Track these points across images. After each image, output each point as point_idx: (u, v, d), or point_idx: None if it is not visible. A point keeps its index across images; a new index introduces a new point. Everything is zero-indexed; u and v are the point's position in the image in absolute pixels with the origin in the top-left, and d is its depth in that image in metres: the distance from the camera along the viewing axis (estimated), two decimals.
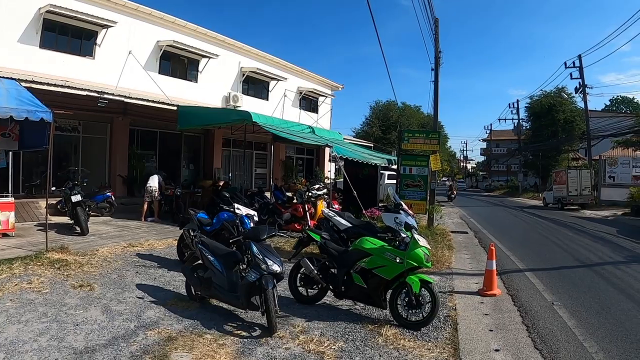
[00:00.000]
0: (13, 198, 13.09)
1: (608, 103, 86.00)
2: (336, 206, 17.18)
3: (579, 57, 43.20)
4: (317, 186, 17.71)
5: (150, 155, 22.73)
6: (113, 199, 17.24)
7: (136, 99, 17.82)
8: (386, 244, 7.38)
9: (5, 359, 5.27)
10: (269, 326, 6.49)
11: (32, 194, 17.25)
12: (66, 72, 17.83)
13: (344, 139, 26.26)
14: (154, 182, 17.19)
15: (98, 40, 19.70)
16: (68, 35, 18.86)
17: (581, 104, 48.95)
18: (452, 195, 41.89)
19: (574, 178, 35.40)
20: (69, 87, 15.46)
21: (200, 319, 7.00)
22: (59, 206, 15.82)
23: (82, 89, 15.81)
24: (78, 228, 13.78)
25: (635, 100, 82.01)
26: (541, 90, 63.42)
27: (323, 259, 8.03)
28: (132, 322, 6.69)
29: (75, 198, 13.88)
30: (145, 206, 17.28)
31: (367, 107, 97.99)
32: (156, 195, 17.21)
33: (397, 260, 7.03)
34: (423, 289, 6.96)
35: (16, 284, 8.09)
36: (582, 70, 43.12)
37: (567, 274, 11.80)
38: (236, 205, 9.71)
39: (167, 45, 22.57)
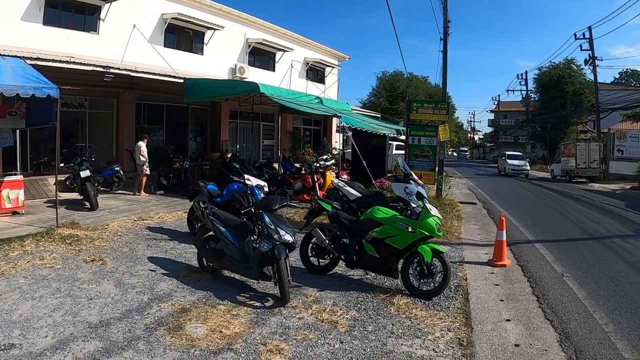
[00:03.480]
0: (22, 176, 13.07)
1: (617, 76, 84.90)
2: (345, 176, 17.22)
3: (589, 28, 42.64)
4: (324, 157, 17.66)
5: (157, 129, 22.61)
6: (121, 173, 17.15)
7: (142, 72, 17.68)
8: (398, 214, 7.38)
9: (21, 335, 5.30)
10: (282, 296, 6.53)
11: (40, 171, 17.20)
12: (71, 48, 17.66)
13: (352, 109, 26.12)
14: (136, 154, 17.01)
15: (102, 15, 19.50)
16: (71, 10, 18.64)
17: (590, 76, 48.53)
18: None
19: (583, 151, 35.16)
20: (74, 62, 15.33)
21: (213, 290, 7.05)
22: (67, 182, 15.81)
23: (87, 64, 15.69)
24: (87, 203, 13.80)
25: None
26: (550, 61, 62.68)
27: (334, 229, 8.05)
28: (146, 295, 6.74)
29: (84, 173, 13.88)
30: (144, 179, 17.12)
31: (374, 77, 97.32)
32: (144, 168, 16.92)
33: (409, 230, 7.03)
34: (435, 258, 6.99)
35: (28, 261, 8.12)
36: (592, 42, 42.57)
37: (576, 246, 11.80)
38: (246, 176, 9.67)
39: (172, 18, 22.32)
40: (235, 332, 5.61)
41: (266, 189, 9.72)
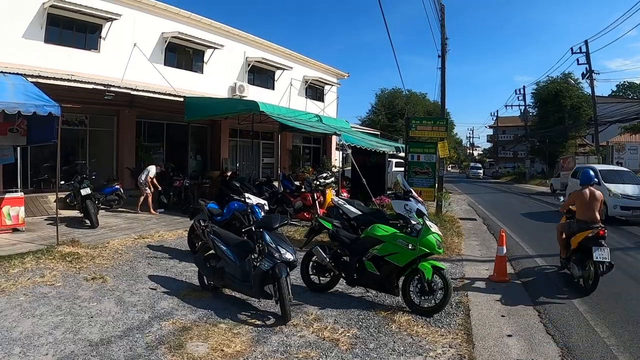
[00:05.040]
0: (22, 193, 13.11)
1: (615, 89, 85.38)
2: (345, 194, 17.21)
3: (586, 42, 42.81)
4: (324, 174, 17.70)
5: (157, 147, 22.71)
6: (122, 191, 17.20)
7: (142, 91, 17.78)
8: (398, 231, 7.40)
9: (22, 353, 5.29)
10: (283, 314, 6.53)
11: (41, 189, 17.26)
12: (72, 66, 17.80)
13: (351, 127, 26.19)
14: (143, 173, 17.09)
15: (103, 34, 19.67)
16: (73, 29, 18.81)
17: (588, 90, 48.77)
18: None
19: (582, 164, 35.25)
20: (75, 80, 15.44)
21: (214, 309, 7.03)
22: (68, 200, 15.84)
23: (88, 82, 15.79)
24: (88, 221, 13.80)
25: None
26: (547, 76, 63.19)
27: (335, 247, 8.04)
28: (146, 313, 6.73)
29: (85, 191, 13.92)
30: (142, 198, 17.10)
31: (373, 95, 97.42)
32: (144, 187, 16.92)
33: (410, 247, 7.05)
34: (435, 275, 6.99)
35: (29, 278, 8.12)
36: (589, 55, 42.74)
37: None
38: (247, 195, 9.68)
39: (172, 37, 22.51)
40: (237, 350, 5.60)
41: (266, 208, 9.71)
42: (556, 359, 5.69)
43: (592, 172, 9.67)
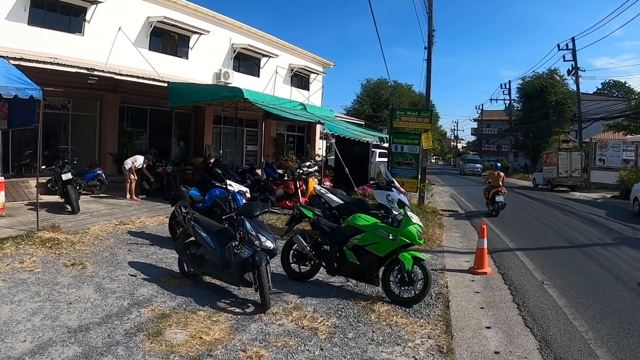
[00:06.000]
0: (3, 177, 12.94)
1: (600, 87, 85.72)
2: (327, 183, 17.22)
3: (573, 39, 43.03)
4: (307, 163, 17.67)
5: (140, 133, 22.58)
6: (103, 176, 17.03)
7: (126, 75, 17.64)
8: (379, 221, 7.41)
9: None
10: (263, 303, 6.51)
11: (22, 173, 17.05)
12: (55, 49, 17.55)
13: (336, 116, 26.16)
14: (129, 160, 17.05)
15: (87, 17, 19.39)
16: (57, 11, 18.53)
17: (573, 87, 49.15)
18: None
19: (565, 160, 35.49)
20: (58, 64, 15.26)
21: (193, 296, 7.01)
22: (49, 185, 15.64)
23: (71, 66, 15.62)
24: (69, 206, 13.66)
25: (627, 85, 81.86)
26: (534, 71, 63.62)
27: (315, 236, 8.05)
28: (126, 300, 6.69)
29: (66, 176, 13.74)
30: (128, 185, 17.08)
31: (359, 85, 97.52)
32: (128, 173, 16.91)
33: (390, 237, 7.06)
34: (415, 266, 7.01)
35: (8, 264, 8.01)
36: (575, 52, 42.96)
37: (557, 254, 11.96)
38: (228, 182, 9.64)
39: (158, 22, 22.27)
40: (215, 338, 5.59)
41: (248, 195, 9.70)
42: (534, 352, 5.74)
43: (499, 164, 22.33)
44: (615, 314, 7.26)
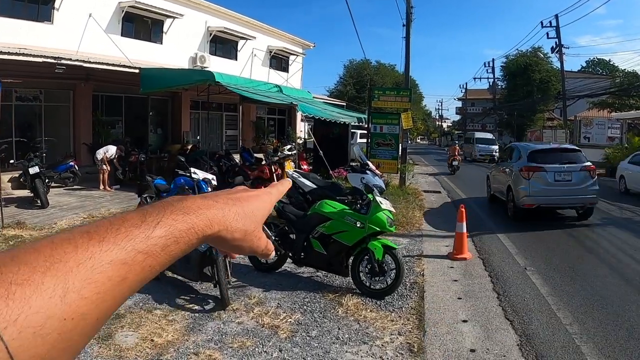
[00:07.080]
0: None
1: (584, 64, 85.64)
2: (305, 167, 16.80)
3: (556, 16, 42.50)
4: (288, 146, 17.28)
5: (116, 121, 22.03)
6: (77, 168, 16.51)
7: (96, 63, 16.99)
8: (347, 208, 6.94)
9: None
10: (222, 299, 6.09)
11: None
12: (24, 39, 16.83)
13: (314, 97, 25.67)
14: (100, 151, 16.52)
15: (56, 4, 18.66)
16: (24, 0, 17.90)
17: (557, 65, 48.86)
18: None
19: (549, 138, 35.55)
20: (22, 54, 14.62)
21: (152, 293, 6.54)
22: (21, 179, 15.16)
23: (36, 56, 14.98)
24: (39, 201, 13.22)
25: (612, 62, 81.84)
26: (517, 49, 63.24)
27: (282, 225, 7.60)
28: None
29: (33, 170, 13.18)
30: (101, 175, 16.57)
31: (342, 66, 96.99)
32: (100, 164, 16.36)
33: (358, 225, 6.59)
34: (386, 255, 6.55)
35: None
36: (559, 30, 42.47)
37: (541, 236, 11.48)
38: (192, 170, 9.22)
39: (129, 6, 21.57)
40: (168, 340, 5.18)
41: (214, 183, 9.28)
42: (513, 349, 5.29)
43: (456, 142, 37.11)
44: (602, 303, 6.82)
